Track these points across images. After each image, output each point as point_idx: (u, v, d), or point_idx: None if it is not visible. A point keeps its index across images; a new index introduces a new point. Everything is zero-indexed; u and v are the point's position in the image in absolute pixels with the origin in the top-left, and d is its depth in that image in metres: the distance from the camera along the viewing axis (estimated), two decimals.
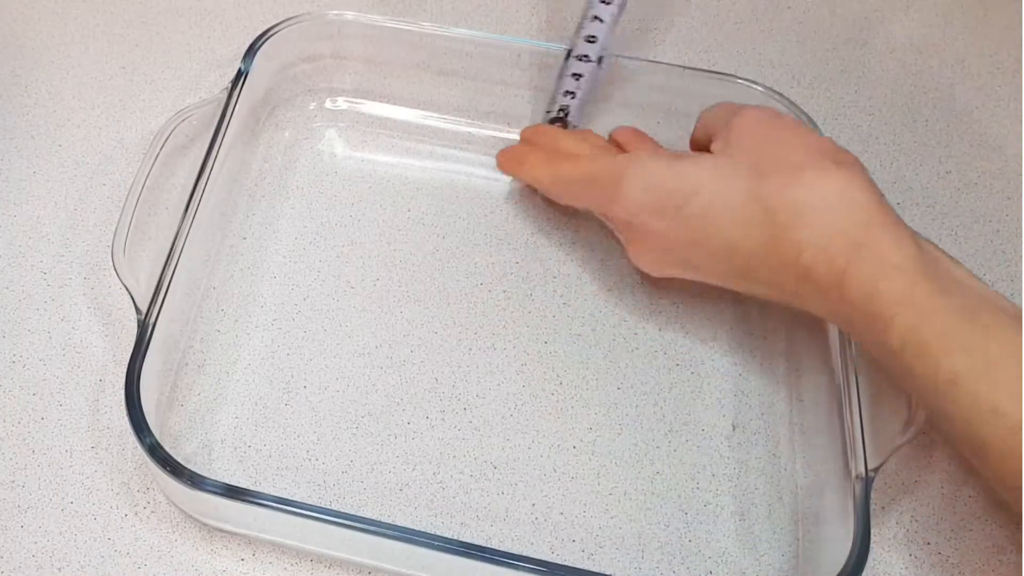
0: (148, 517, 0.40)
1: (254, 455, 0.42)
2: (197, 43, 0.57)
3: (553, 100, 0.52)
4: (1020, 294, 0.49)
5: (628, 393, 0.45)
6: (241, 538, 0.40)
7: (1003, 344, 0.34)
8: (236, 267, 0.48)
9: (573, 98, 0.51)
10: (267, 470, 0.42)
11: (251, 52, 0.49)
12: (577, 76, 0.50)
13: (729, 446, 0.44)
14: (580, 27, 0.49)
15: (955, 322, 0.35)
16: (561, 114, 0.52)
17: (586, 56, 0.49)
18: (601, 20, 0.48)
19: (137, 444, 0.37)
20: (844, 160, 0.39)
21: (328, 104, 0.54)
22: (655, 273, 0.45)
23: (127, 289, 0.41)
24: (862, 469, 0.38)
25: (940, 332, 0.35)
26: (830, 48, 0.60)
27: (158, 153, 0.46)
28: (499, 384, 0.45)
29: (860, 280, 0.36)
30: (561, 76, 0.51)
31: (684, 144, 0.50)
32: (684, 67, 0.51)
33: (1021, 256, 0.51)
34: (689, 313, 0.48)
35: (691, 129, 0.47)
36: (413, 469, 0.42)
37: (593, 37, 0.49)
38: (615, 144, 0.49)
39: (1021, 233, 0.52)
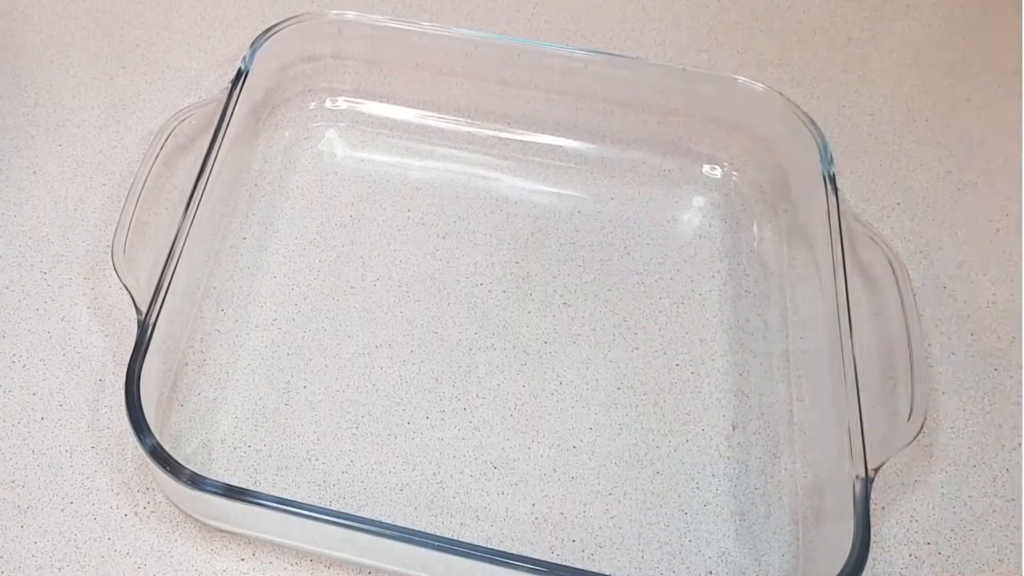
0: (148, 517, 0.40)
1: (254, 455, 0.42)
2: (197, 43, 0.57)
3: None
4: (1020, 294, 0.49)
5: (628, 393, 0.45)
6: (241, 538, 0.40)
7: None
8: (236, 267, 0.48)
9: None
10: (267, 470, 0.42)
11: (251, 52, 0.49)
12: None
13: (729, 446, 0.44)
14: None
15: None
16: None
17: None
18: None
19: (137, 444, 0.37)
20: None
21: (328, 104, 0.54)
22: None
23: (127, 289, 0.41)
24: (862, 469, 0.38)
25: None
26: (830, 48, 0.60)
27: (158, 153, 0.46)
28: (499, 384, 0.45)
29: None
30: None
31: (685, 144, 0.50)
32: (684, 67, 0.51)
33: (1021, 256, 0.51)
34: (689, 313, 0.48)
35: (691, 129, 0.47)
36: (413, 469, 0.42)
37: None
38: None
39: (1021, 233, 0.52)
